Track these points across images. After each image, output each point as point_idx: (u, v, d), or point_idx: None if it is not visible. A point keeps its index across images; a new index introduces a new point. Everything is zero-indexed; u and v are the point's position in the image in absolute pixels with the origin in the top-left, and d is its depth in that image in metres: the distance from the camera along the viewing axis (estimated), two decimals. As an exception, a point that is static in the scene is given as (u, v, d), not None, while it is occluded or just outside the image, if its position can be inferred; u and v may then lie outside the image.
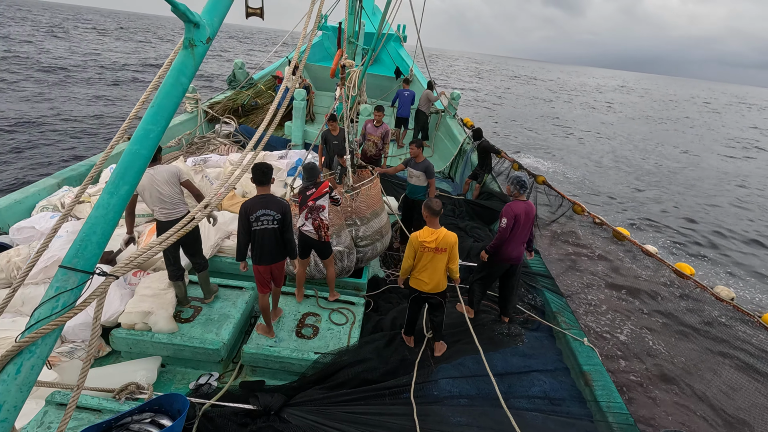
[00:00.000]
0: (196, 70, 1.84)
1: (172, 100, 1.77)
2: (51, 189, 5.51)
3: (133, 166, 1.69)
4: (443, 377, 3.63)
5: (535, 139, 21.41)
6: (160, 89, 1.77)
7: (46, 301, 1.50)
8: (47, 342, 1.49)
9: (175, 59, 1.80)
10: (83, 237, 1.59)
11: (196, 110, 9.16)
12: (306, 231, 4.10)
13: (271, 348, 3.72)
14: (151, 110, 1.74)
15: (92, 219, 1.61)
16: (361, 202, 4.81)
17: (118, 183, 1.66)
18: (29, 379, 1.44)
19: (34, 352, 1.45)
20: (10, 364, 1.43)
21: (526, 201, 4.22)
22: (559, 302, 4.95)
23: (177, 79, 1.77)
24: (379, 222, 5.03)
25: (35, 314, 1.49)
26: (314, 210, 4.01)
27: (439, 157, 10.25)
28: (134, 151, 1.69)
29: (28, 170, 9.78)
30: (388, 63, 13.44)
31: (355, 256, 4.81)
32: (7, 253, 4.12)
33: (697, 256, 9.71)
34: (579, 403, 3.64)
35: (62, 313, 1.51)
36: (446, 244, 3.64)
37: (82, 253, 1.57)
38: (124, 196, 1.68)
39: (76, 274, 1.55)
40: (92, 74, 22.68)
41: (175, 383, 3.71)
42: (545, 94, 45.81)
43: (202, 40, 1.80)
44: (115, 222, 1.66)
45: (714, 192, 15.39)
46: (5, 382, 1.39)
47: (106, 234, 1.64)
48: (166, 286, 4.01)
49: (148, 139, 1.72)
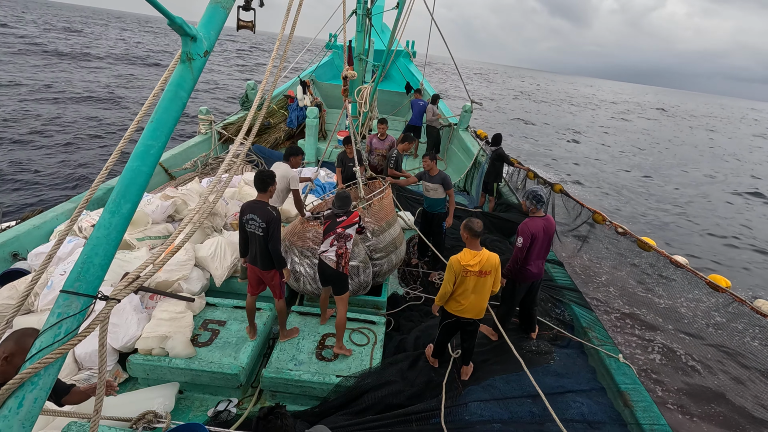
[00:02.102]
0: (194, 83, 1.80)
1: (172, 115, 1.71)
2: (68, 214, 5.52)
3: (134, 183, 1.62)
4: (473, 400, 3.43)
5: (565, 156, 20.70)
6: (158, 104, 1.72)
7: (48, 329, 1.41)
8: (50, 372, 1.40)
9: (173, 74, 1.76)
10: (85, 260, 1.51)
11: (210, 132, 9.24)
12: (325, 257, 3.85)
13: (291, 372, 3.58)
14: (150, 126, 1.68)
15: (93, 240, 1.53)
16: (373, 213, 4.71)
17: (120, 201, 1.59)
18: (32, 413, 1.34)
19: (36, 384, 1.36)
20: (11, 398, 1.33)
21: (544, 217, 4.03)
22: (589, 317, 4.71)
23: (176, 94, 1.72)
24: (393, 233, 4.89)
25: (37, 343, 1.40)
26: (341, 238, 3.88)
27: (453, 171, 10.13)
28: (135, 167, 1.62)
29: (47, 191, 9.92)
30: (398, 79, 13.53)
31: (371, 270, 4.67)
32: (25, 279, 4.09)
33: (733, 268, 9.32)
34: (620, 427, 3.41)
35: (65, 340, 1.42)
36: (491, 266, 3.46)
37: (84, 276, 1.49)
38: (126, 215, 1.60)
39: (78, 299, 1.47)
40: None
41: (193, 410, 3.58)
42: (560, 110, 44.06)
43: (199, 54, 1.77)
44: (117, 242, 1.58)
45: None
46: (6, 418, 1.29)
47: (109, 255, 1.55)
48: (183, 308, 3.93)
49: (148, 155, 1.65)
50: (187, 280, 4.48)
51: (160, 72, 29.14)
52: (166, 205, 5.38)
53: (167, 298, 4.13)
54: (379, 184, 5.55)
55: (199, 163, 8.36)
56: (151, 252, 4.85)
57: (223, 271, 4.69)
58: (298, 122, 10.64)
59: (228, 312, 4.27)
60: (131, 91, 21.99)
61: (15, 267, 4.45)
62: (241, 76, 33.73)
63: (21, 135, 13.28)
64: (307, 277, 4.49)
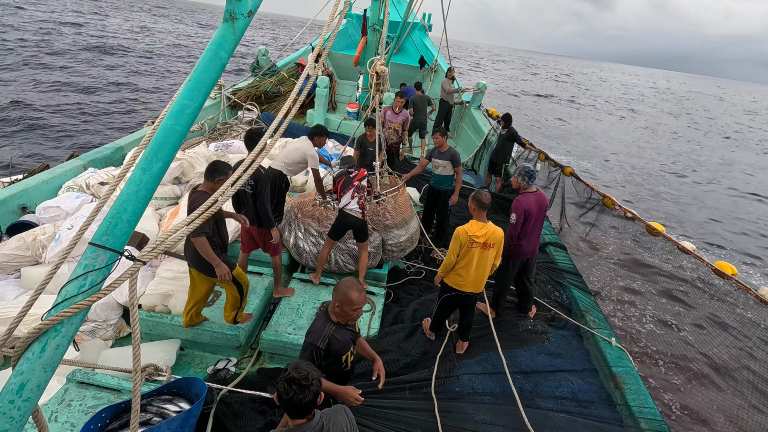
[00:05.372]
0: (236, 44, 1.74)
1: (210, 75, 1.67)
2: (77, 170, 5.57)
3: (167, 142, 1.59)
4: (466, 373, 3.50)
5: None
6: (198, 63, 1.67)
7: (73, 279, 1.42)
8: (73, 322, 1.42)
9: (215, 33, 1.72)
10: (114, 214, 1.50)
11: (219, 96, 9.16)
12: (350, 210, 4.12)
13: (290, 336, 3.65)
14: (188, 85, 1.64)
15: (123, 196, 1.53)
16: (387, 210, 4.78)
17: (152, 159, 1.56)
18: (54, 359, 1.37)
19: (59, 332, 1.38)
20: (36, 342, 1.36)
21: (536, 192, 4.02)
22: (587, 300, 4.73)
23: (216, 53, 1.67)
24: (409, 230, 4.95)
25: (62, 292, 1.42)
26: (360, 189, 4.16)
27: (462, 149, 10.01)
28: (169, 126, 1.59)
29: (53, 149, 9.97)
30: (412, 52, 13.21)
31: (381, 256, 4.77)
32: (33, 231, 4.16)
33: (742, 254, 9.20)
34: (608, 407, 3.46)
35: (90, 293, 1.43)
36: (495, 239, 3.47)
37: (112, 231, 1.48)
38: (157, 174, 1.58)
39: (105, 253, 1.47)
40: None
41: (193, 367, 3.69)
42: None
43: (243, 13, 1.70)
44: (147, 200, 1.57)
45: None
46: (29, 361, 1.33)
47: (137, 212, 1.55)
48: (186, 269, 3.99)
49: (183, 114, 1.61)
50: (192, 242, 4.53)
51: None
52: (173, 166, 5.40)
53: (171, 258, 4.19)
54: (394, 180, 5.52)
55: (206, 126, 8.33)
56: (158, 212, 4.90)
57: (228, 233, 4.73)
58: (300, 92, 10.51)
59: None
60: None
61: (23, 219, 4.52)
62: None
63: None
64: (309, 255, 4.54)
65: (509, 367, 3.50)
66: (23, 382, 1.29)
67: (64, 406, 2.82)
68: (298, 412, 1.78)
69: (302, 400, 1.74)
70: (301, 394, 1.73)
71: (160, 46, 28.88)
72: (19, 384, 1.28)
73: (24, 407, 1.29)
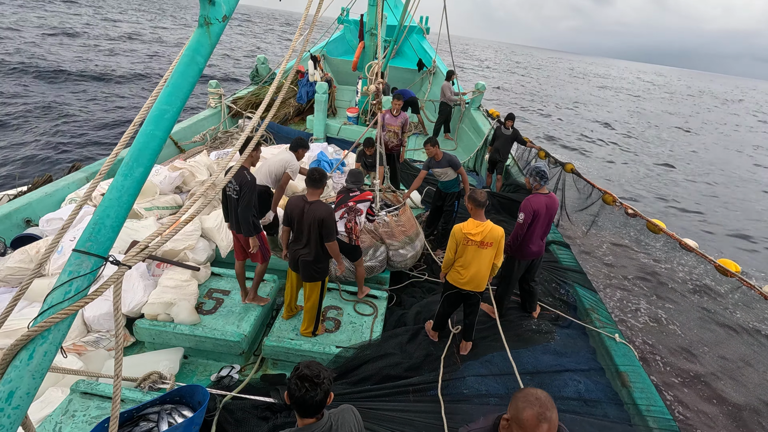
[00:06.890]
0: (212, 49, 1.75)
1: (188, 80, 1.68)
2: (80, 182, 5.62)
3: (147, 148, 1.60)
4: (471, 375, 3.47)
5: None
6: (174, 69, 1.68)
7: (59, 286, 1.44)
8: (60, 328, 1.43)
9: (190, 38, 1.73)
10: (97, 220, 1.51)
11: (219, 105, 9.22)
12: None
13: (293, 341, 3.65)
14: (165, 90, 1.65)
15: (106, 202, 1.54)
16: (389, 229, 4.67)
17: (133, 165, 1.58)
18: (42, 366, 1.38)
19: (47, 338, 1.39)
20: (23, 350, 1.37)
21: (547, 194, 3.96)
22: (592, 298, 4.69)
23: (192, 59, 1.68)
24: (415, 247, 4.88)
25: (48, 299, 1.43)
26: (352, 211, 3.94)
27: (463, 150, 10.00)
28: (149, 132, 1.60)
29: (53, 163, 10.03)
30: (410, 55, 13.26)
31: (383, 268, 4.73)
32: (37, 244, 4.19)
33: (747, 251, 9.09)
34: (616, 406, 3.42)
35: (75, 299, 1.45)
36: (493, 238, 3.44)
37: (96, 237, 1.49)
38: (139, 179, 1.59)
39: (89, 259, 1.48)
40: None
41: (197, 375, 3.69)
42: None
43: (218, 18, 1.71)
44: (129, 205, 1.59)
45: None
46: (18, 368, 1.34)
47: (120, 218, 1.56)
48: (188, 277, 4.00)
49: (163, 119, 1.63)
50: (193, 250, 4.54)
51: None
52: (174, 176, 5.43)
53: (174, 267, 4.20)
54: (396, 198, 5.46)
55: (208, 136, 8.38)
56: (159, 222, 4.93)
57: (229, 242, 4.74)
58: (307, 98, 10.54)
59: (232, 282, 4.34)
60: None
61: (27, 232, 4.56)
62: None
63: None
64: None
65: (514, 369, 3.47)
66: (12, 390, 1.30)
67: (68, 417, 2.82)
68: (308, 411, 1.77)
69: (314, 398, 1.73)
70: (313, 392, 1.72)
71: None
72: (8, 392, 1.29)
73: (14, 415, 1.29)
